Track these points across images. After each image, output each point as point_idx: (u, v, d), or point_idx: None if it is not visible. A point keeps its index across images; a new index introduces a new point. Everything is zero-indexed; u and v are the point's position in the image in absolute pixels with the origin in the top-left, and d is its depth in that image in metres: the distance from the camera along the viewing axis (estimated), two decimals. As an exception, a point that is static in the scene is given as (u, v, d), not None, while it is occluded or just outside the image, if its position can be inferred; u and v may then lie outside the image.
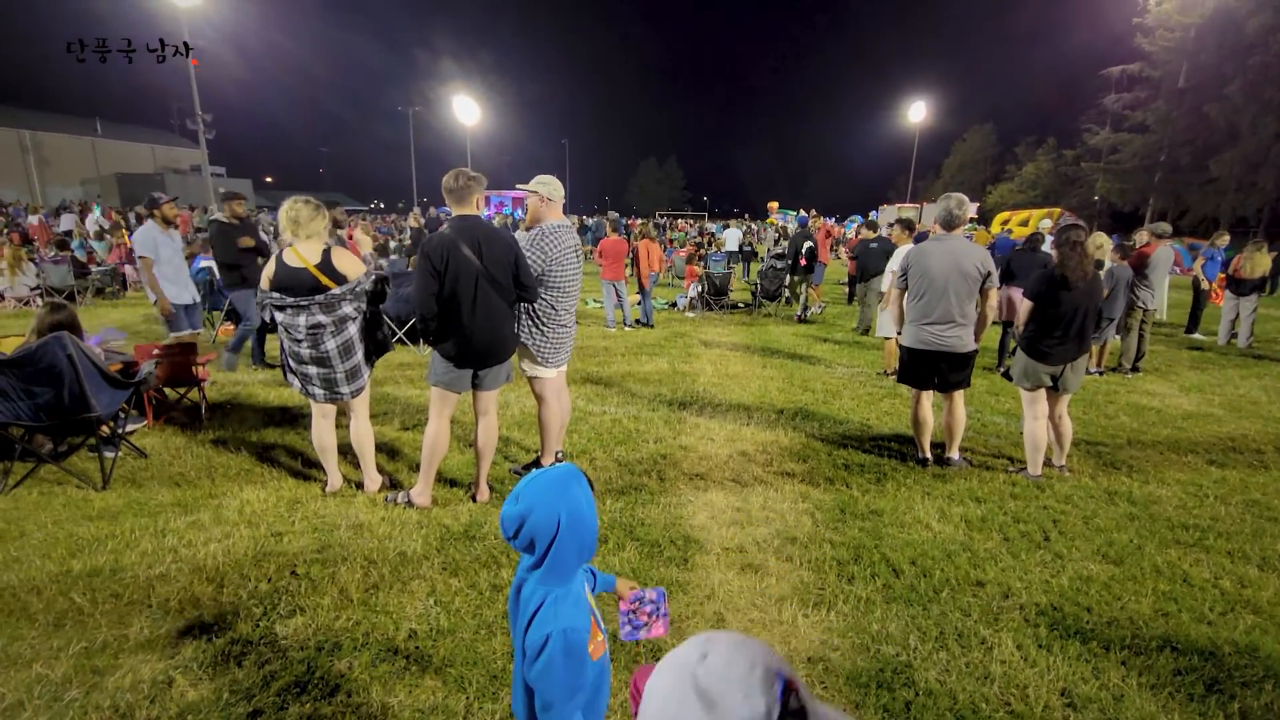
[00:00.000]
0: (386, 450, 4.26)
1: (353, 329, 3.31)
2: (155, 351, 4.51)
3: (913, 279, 4.00)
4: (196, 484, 3.71)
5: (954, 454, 4.25)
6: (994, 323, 4.56)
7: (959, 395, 4.11)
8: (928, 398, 4.21)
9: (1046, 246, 8.31)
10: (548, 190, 3.58)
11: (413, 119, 51.26)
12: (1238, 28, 28.97)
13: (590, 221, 26.04)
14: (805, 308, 10.41)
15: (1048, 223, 11.75)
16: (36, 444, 3.85)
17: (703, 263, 13.23)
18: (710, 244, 19.42)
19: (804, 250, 10.27)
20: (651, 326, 9.31)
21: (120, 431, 3.95)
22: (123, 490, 3.60)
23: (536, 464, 3.96)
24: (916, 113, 47.95)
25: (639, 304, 9.61)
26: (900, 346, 4.17)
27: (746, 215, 62.22)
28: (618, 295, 9.02)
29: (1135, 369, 7.07)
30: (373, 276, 3.34)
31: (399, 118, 52.09)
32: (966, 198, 4.06)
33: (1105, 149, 37.32)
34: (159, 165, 53.56)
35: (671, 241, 22.87)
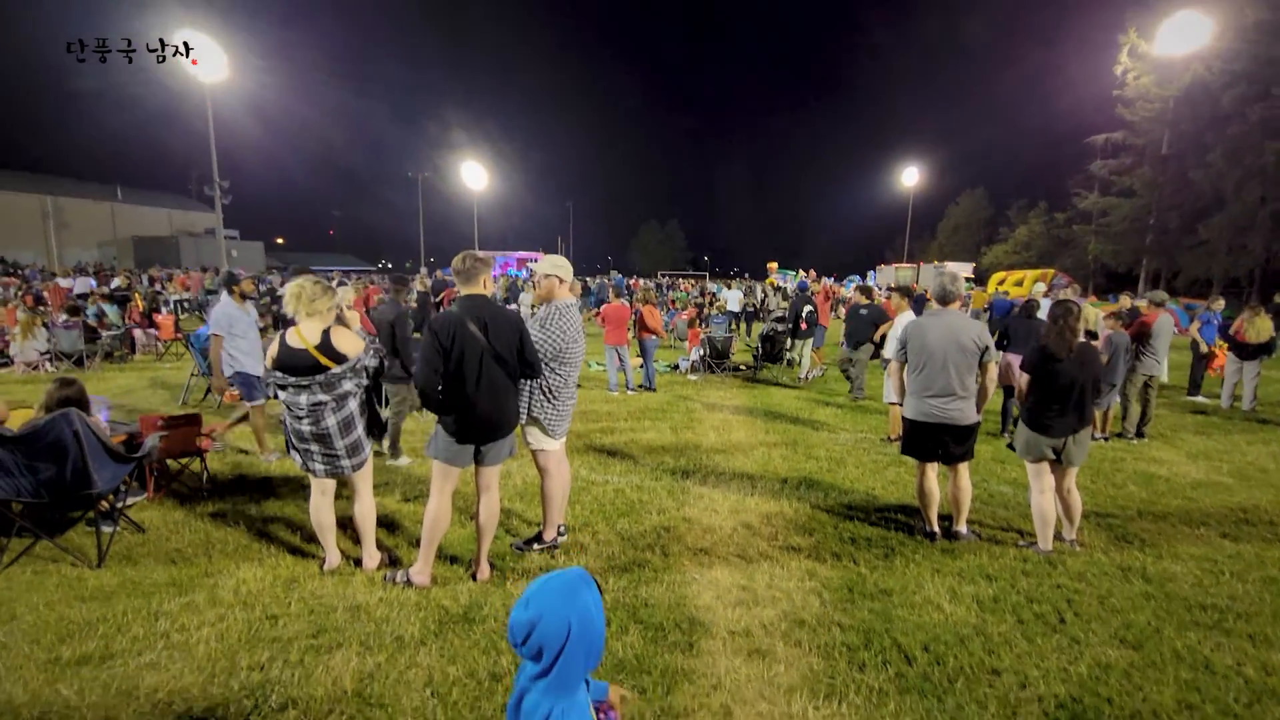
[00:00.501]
0: (386, 523, 4.21)
1: (353, 405, 3.33)
2: (159, 423, 4.52)
3: (911, 353, 4.06)
4: (193, 561, 3.65)
5: (961, 527, 4.19)
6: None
7: (964, 467, 4.09)
8: (933, 469, 4.18)
9: (1043, 312, 8.46)
10: (560, 272, 3.72)
11: (422, 184, 53.01)
12: (1214, 100, 30.23)
13: (594, 284, 26.54)
14: (807, 371, 10.46)
15: (1041, 286, 11.96)
16: (34, 520, 3.81)
17: (704, 324, 13.39)
18: (711, 304, 19.72)
19: (804, 314, 10.41)
20: (654, 390, 9.34)
21: (119, 506, 3.92)
22: (118, 568, 3.55)
23: (538, 539, 3.91)
24: (910, 177, 49.51)
25: (641, 367, 9.67)
26: (904, 419, 4.18)
27: (746, 275, 63.34)
28: (620, 359, 9.09)
29: (1140, 434, 7.03)
30: (372, 352, 3.39)
31: (409, 183, 53.90)
32: (960, 273, 4.19)
33: (1095, 212, 38.28)
34: (175, 229, 55.13)
35: (674, 302, 23.20)
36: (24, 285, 20.23)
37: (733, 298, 19.70)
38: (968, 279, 41.38)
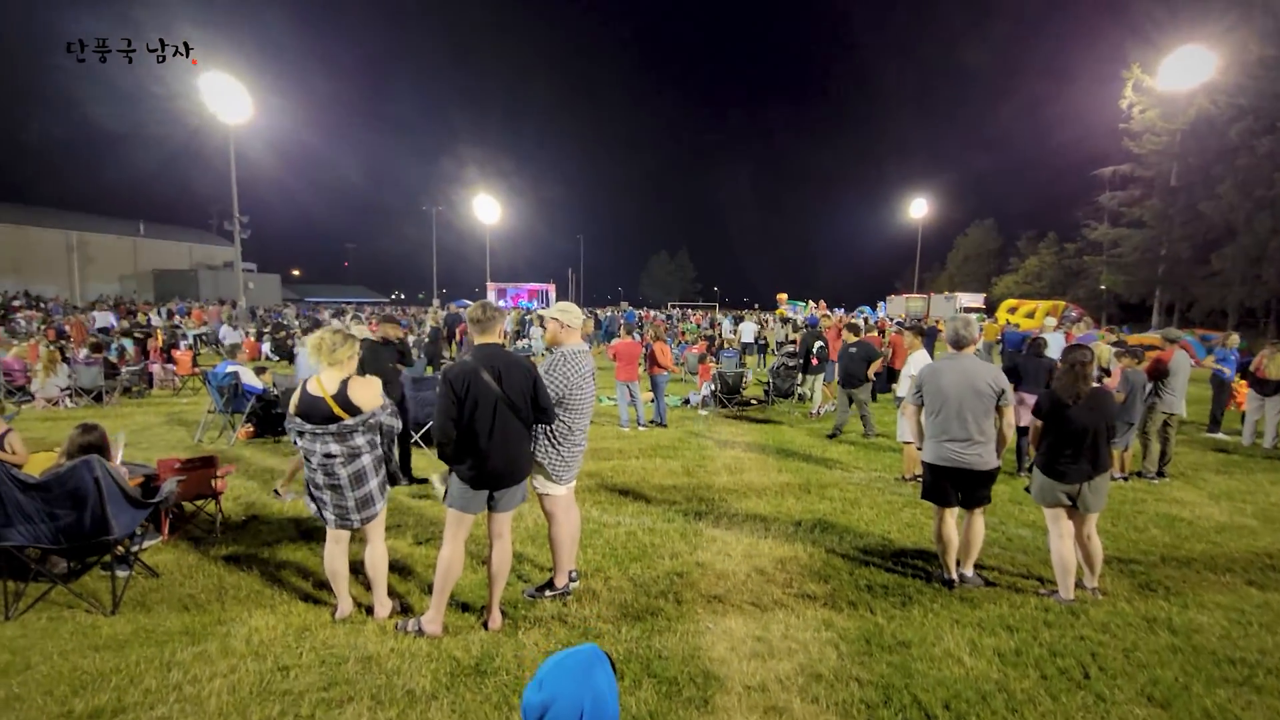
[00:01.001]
0: (398, 567, 4.20)
1: (366, 460, 3.35)
2: (177, 466, 4.57)
3: (927, 397, 4.06)
4: (206, 608, 3.65)
5: (968, 570, 4.13)
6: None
7: (979, 512, 4.04)
8: (951, 515, 4.13)
9: (1053, 348, 8.41)
10: (567, 317, 3.76)
11: (435, 217, 54.01)
12: (1220, 133, 30.43)
13: (604, 316, 26.71)
14: (818, 406, 10.41)
15: (1051, 320, 11.93)
16: (50, 564, 3.84)
17: (715, 358, 13.41)
18: (720, 337, 19.76)
19: (815, 349, 10.42)
20: (665, 426, 9.32)
21: (135, 550, 3.94)
22: (132, 615, 3.55)
23: (550, 585, 3.88)
24: (918, 209, 49.87)
25: (652, 402, 9.67)
26: (923, 463, 4.15)
27: (756, 306, 63.53)
28: (631, 395, 9.11)
29: (1161, 474, 6.91)
30: (391, 411, 3.43)
31: (422, 215, 54.98)
32: (974, 319, 4.20)
33: (1106, 243, 38.30)
34: (194, 262, 56.31)
35: (684, 334, 23.27)
36: (46, 319, 20.66)
37: (747, 330, 19.76)
38: (978, 309, 41.37)
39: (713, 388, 11.03)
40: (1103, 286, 40.02)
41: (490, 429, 3.25)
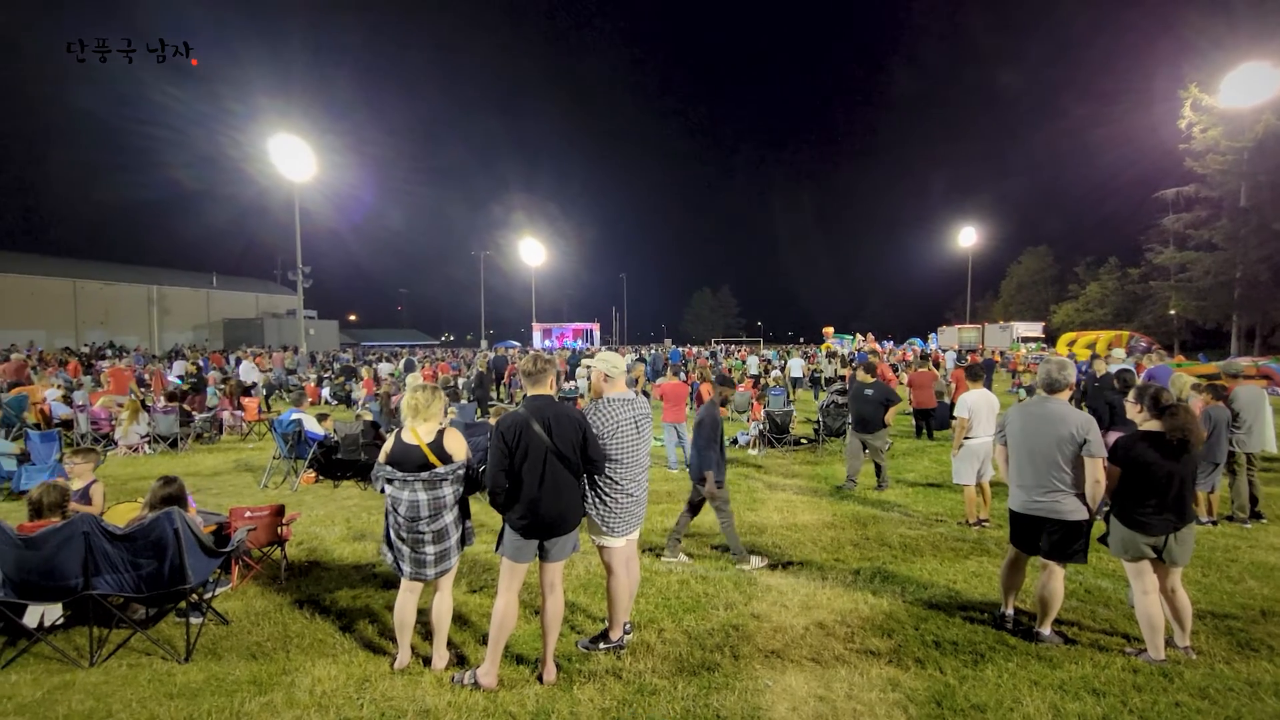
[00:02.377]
0: (454, 616, 4.22)
1: (448, 516, 3.46)
2: (247, 514, 4.77)
3: (1010, 439, 3.94)
4: (273, 657, 3.75)
5: (1044, 629, 3.88)
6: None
7: (1059, 568, 3.79)
8: (1023, 557, 3.98)
9: (1113, 368, 7.95)
10: (606, 367, 3.77)
11: (483, 261, 55.87)
12: (1291, 149, 28.94)
13: (649, 354, 26.85)
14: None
15: (1120, 352, 11.35)
16: (130, 611, 4.03)
17: (761, 395, 13.25)
18: (768, 373, 19.55)
19: (866, 387, 10.17)
20: (714, 468, 9.19)
21: (207, 598, 4.10)
22: (204, 663, 3.68)
23: (604, 637, 3.84)
24: (967, 238, 48.82)
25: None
26: (1009, 509, 4.00)
27: (802, 339, 62.79)
28: (679, 436, 9.07)
29: (1256, 515, 6.40)
30: (476, 460, 3.54)
31: (471, 260, 56.98)
32: (1069, 361, 4.05)
33: (1174, 267, 36.52)
34: (260, 311, 59.55)
35: (729, 370, 23.12)
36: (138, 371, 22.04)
37: (796, 365, 19.52)
38: (1037, 339, 39.75)
39: (761, 427, 10.87)
40: (1173, 312, 37.99)
41: (540, 479, 3.30)
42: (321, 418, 8.90)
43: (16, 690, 3.39)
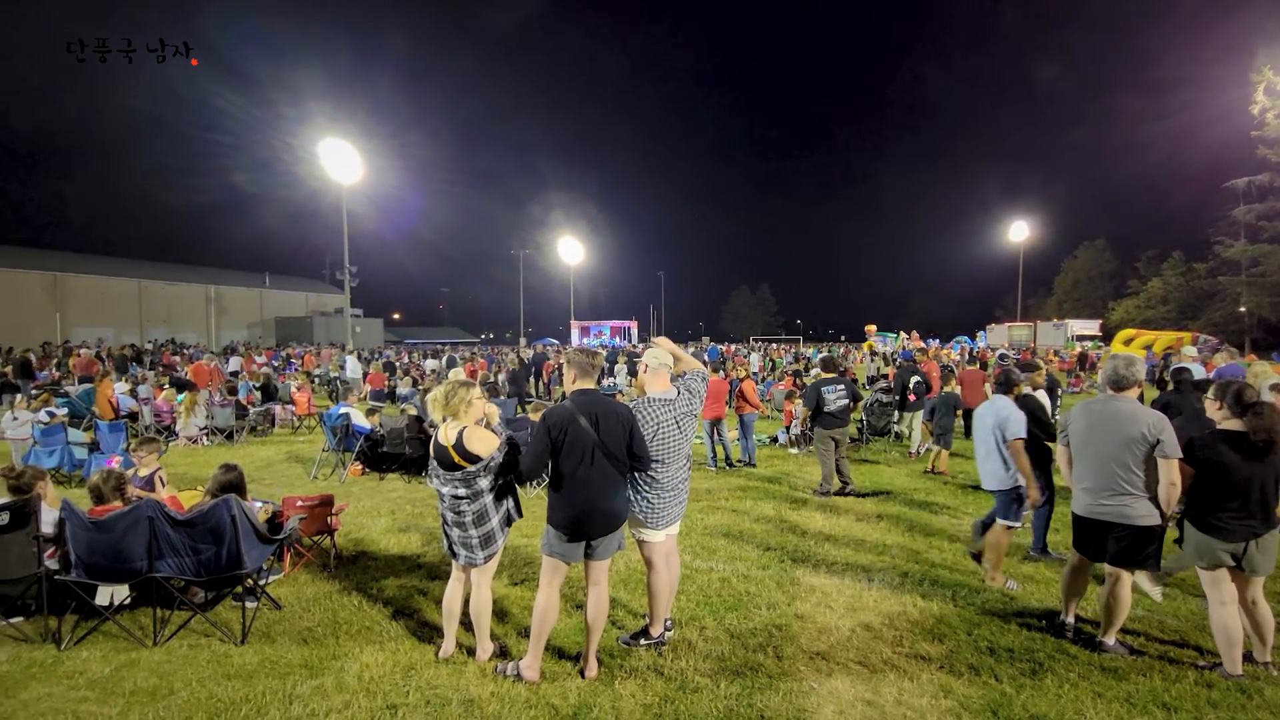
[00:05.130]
0: (495, 609, 4.26)
1: (487, 500, 3.49)
2: (299, 504, 4.91)
3: (1072, 439, 3.76)
4: (323, 642, 3.85)
5: (1109, 639, 3.68)
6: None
7: (1127, 576, 3.59)
8: (1087, 563, 3.79)
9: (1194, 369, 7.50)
10: (653, 361, 3.75)
11: (522, 260, 56.56)
12: (1379, 134, 26.97)
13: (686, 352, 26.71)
14: (918, 445, 9.84)
15: (1191, 349, 10.73)
16: (190, 594, 4.19)
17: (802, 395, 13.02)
18: (808, 371, 19.23)
19: (911, 384, 9.91)
20: (754, 466, 9.10)
21: (262, 584, 4.23)
22: (258, 646, 3.80)
23: (645, 633, 3.81)
24: (1018, 232, 47.06)
25: (739, 441, 9.49)
26: (1072, 513, 3.81)
27: (843, 338, 61.67)
28: (718, 434, 8.99)
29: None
30: (505, 448, 3.54)
31: (510, 259, 57.74)
32: (1138, 358, 3.83)
33: (1245, 261, 34.49)
34: (309, 309, 61.59)
35: (771, 370, 22.84)
36: (189, 363, 23.08)
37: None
38: (1093, 337, 38.05)
39: (802, 426, 10.68)
40: (1243, 309, 35.89)
41: (587, 476, 3.27)
42: (371, 412, 9.14)
43: (88, 665, 3.57)
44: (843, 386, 7.52)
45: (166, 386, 13.46)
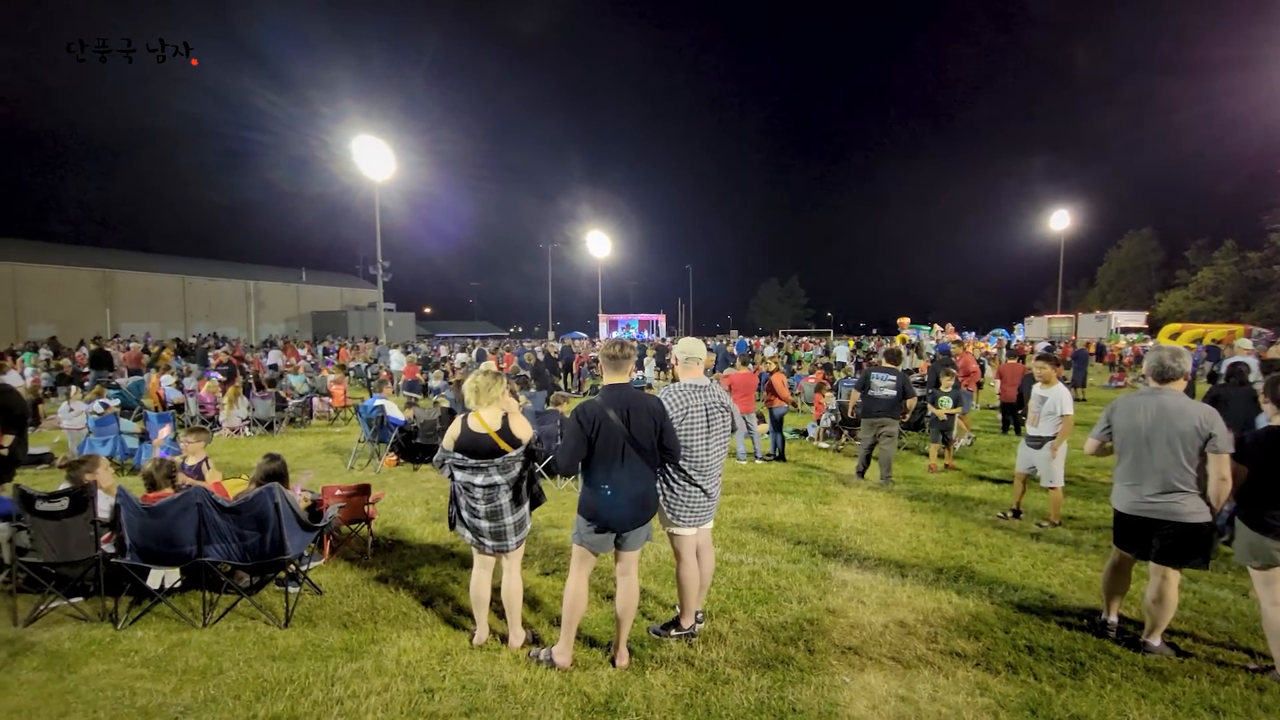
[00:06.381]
0: (527, 598, 4.32)
1: (522, 485, 3.57)
2: (338, 493, 5.05)
3: (1115, 434, 3.64)
4: (362, 626, 3.96)
5: (1154, 639, 3.57)
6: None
7: (1174, 574, 3.48)
8: (1129, 559, 3.68)
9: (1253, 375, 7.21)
10: (682, 353, 3.80)
11: (550, 254, 56.90)
12: None
13: (713, 344, 26.63)
14: (954, 437, 9.64)
15: (1246, 342, 10.30)
16: (237, 578, 4.35)
17: (834, 391, 12.87)
18: (840, 367, 18.99)
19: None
20: (784, 460, 9.03)
21: (303, 569, 4.37)
22: (300, 629, 3.93)
23: (676, 624, 3.83)
24: (1059, 221, 45.59)
25: (768, 434, 9.43)
26: (1114, 510, 3.71)
27: (875, 330, 60.65)
28: (748, 428, 8.94)
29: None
30: (535, 436, 3.60)
31: (539, 253, 58.11)
32: (1183, 349, 3.71)
33: (1303, 249, 32.81)
34: (344, 304, 62.95)
35: (800, 364, 22.60)
36: (231, 359, 23.85)
37: (842, 351, 18.92)
38: (1139, 329, 36.74)
39: (832, 419, 10.57)
40: (1301, 300, 34.22)
41: (618, 470, 3.29)
42: (409, 404, 9.32)
43: (142, 645, 3.74)
44: (894, 378, 7.52)
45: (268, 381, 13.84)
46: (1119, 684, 3.26)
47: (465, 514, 3.59)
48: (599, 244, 56.49)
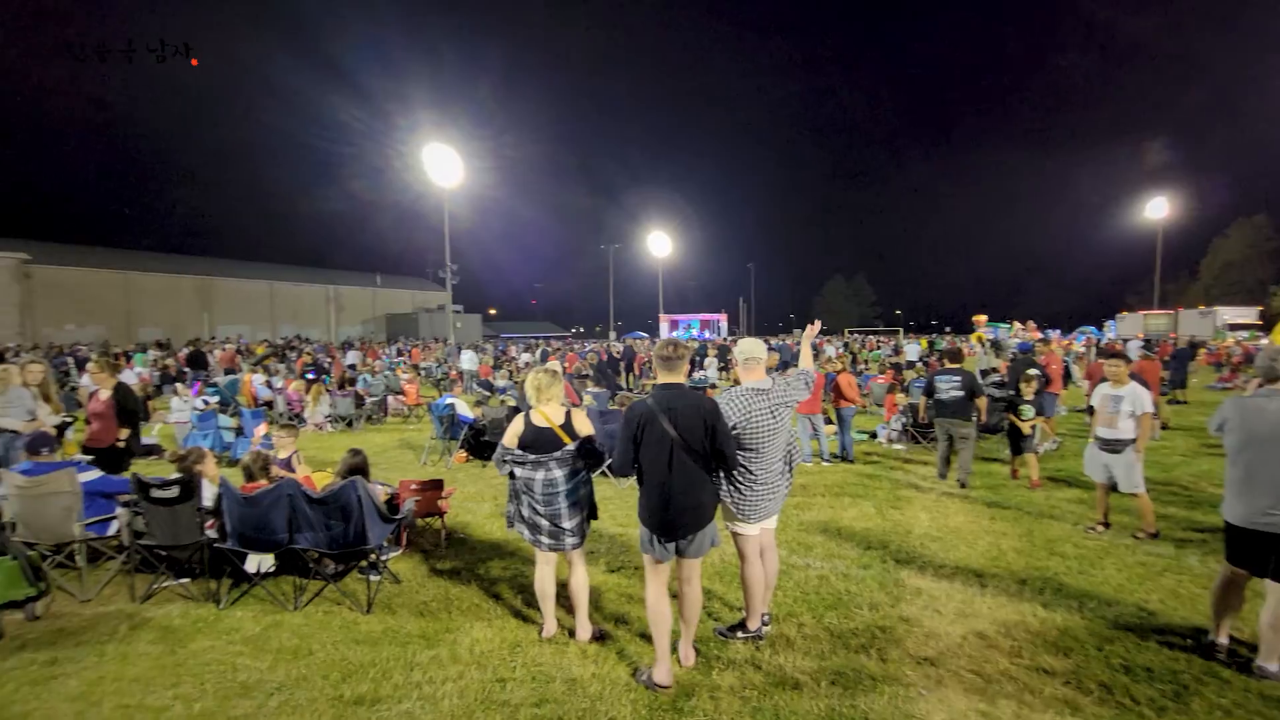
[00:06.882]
0: (592, 595, 4.38)
1: (582, 485, 3.61)
2: (414, 487, 5.28)
3: (1232, 439, 3.37)
4: (437, 616, 4.12)
5: (1271, 664, 3.26)
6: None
7: None
8: (1243, 579, 3.38)
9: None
10: (742, 354, 3.78)
11: (611, 255, 57.45)
12: None
13: (775, 343, 26.20)
14: (1036, 444, 9.10)
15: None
16: (323, 565, 4.61)
17: (904, 391, 12.43)
18: (910, 366, 18.31)
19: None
20: (851, 462, 8.79)
21: (383, 559, 4.59)
22: (381, 616, 4.13)
23: (742, 626, 3.79)
24: (1156, 209, 42.31)
25: (836, 435, 9.19)
26: (1225, 523, 3.43)
27: (948, 329, 58.08)
28: (813, 428, 8.75)
29: None
30: (598, 440, 3.66)
31: (600, 254, 58.78)
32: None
33: None
34: (415, 306, 65.71)
35: (866, 364, 21.93)
36: (313, 361, 25.32)
37: (913, 350, 18.21)
38: (1251, 326, 33.60)
39: (904, 421, 10.20)
40: None
41: (666, 473, 3.20)
42: (479, 403, 9.64)
43: (241, 624, 4.03)
44: (959, 378, 7.34)
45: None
46: (1230, 711, 3.01)
47: (525, 511, 3.66)
48: (659, 243, 56.60)
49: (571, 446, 3.56)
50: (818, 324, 4.55)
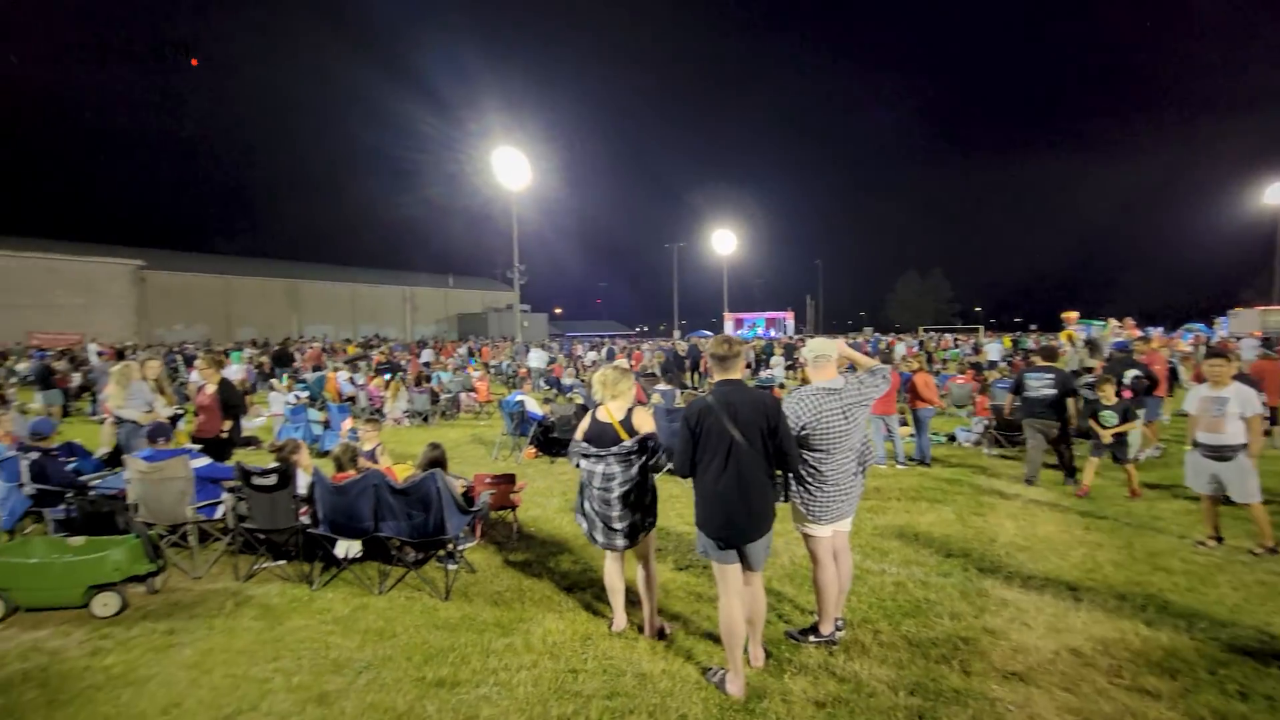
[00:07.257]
0: (660, 591, 4.39)
1: (640, 478, 3.59)
2: (488, 480, 5.46)
3: None
4: (511, 605, 4.25)
5: None
6: None
7: None
8: None
9: None
10: (810, 354, 3.72)
11: (676, 253, 57.41)
12: None
13: (850, 342, 25.50)
14: (1137, 451, 8.45)
15: None
16: (405, 553, 4.84)
17: (985, 392, 11.81)
18: (992, 365, 17.40)
19: (1128, 379, 8.52)
20: (928, 465, 8.43)
21: (460, 549, 4.78)
22: (459, 603, 4.30)
23: (814, 630, 3.71)
24: (1275, 195, 38.41)
25: (912, 437, 8.84)
26: None
27: (1034, 327, 54.74)
28: (888, 429, 8.45)
29: None
30: (659, 439, 3.67)
31: (664, 253, 58.83)
32: None
33: None
34: (484, 306, 67.91)
35: (944, 363, 20.97)
36: (387, 359, 26.58)
37: (993, 349, 17.24)
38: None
39: (986, 423, 9.69)
40: None
41: (722, 472, 3.10)
42: (547, 401, 9.87)
43: (332, 605, 4.29)
44: (1051, 376, 7.11)
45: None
46: (1374, 751, 2.70)
47: (586, 504, 3.69)
48: (724, 241, 56.11)
49: (629, 443, 3.55)
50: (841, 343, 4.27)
